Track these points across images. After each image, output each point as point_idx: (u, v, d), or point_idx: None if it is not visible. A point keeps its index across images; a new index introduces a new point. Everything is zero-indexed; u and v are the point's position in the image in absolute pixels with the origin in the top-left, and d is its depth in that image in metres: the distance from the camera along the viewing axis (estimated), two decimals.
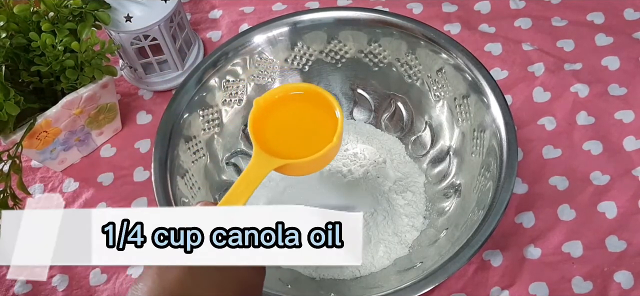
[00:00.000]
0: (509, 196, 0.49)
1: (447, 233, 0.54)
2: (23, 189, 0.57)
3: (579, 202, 0.58)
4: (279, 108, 0.46)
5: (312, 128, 0.46)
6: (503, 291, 0.54)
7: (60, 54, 0.59)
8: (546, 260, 0.55)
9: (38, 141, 0.61)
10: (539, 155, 0.62)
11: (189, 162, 0.58)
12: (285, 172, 0.44)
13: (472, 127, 0.57)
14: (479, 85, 0.56)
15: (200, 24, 0.78)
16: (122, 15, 0.64)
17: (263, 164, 0.42)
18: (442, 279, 0.47)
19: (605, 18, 0.71)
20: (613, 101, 0.64)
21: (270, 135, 0.44)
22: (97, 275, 0.60)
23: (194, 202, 0.56)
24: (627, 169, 0.60)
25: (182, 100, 0.59)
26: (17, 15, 0.59)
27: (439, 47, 0.58)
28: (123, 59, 0.71)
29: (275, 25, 0.62)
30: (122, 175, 0.66)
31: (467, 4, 0.75)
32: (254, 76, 0.63)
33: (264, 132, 0.44)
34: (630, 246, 0.55)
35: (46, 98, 0.62)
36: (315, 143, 0.44)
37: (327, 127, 0.45)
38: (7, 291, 0.60)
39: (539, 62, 0.68)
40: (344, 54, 0.63)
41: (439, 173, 0.60)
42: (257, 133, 0.44)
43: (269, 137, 0.44)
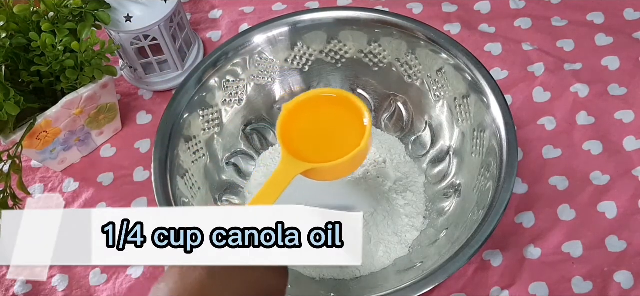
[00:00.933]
0: (509, 196, 0.49)
1: (447, 233, 0.54)
2: (23, 189, 0.57)
3: (579, 202, 0.58)
4: (307, 113, 0.46)
5: (340, 133, 0.46)
6: (503, 291, 0.54)
7: (60, 54, 0.59)
8: (546, 260, 0.55)
9: (38, 141, 0.61)
10: (539, 155, 0.62)
11: (189, 162, 0.58)
12: (313, 176, 0.44)
13: (472, 127, 0.57)
14: (479, 85, 0.56)
15: (200, 24, 0.78)
16: (122, 15, 0.64)
17: (290, 168, 0.42)
18: (442, 279, 0.47)
19: (605, 18, 0.71)
20: (613, 101, 0.64)
21: (298, 139, 0.45)
22: (97, 275, 0.60)
23: (194, 202, 0.56)
24: (627, 169, 0.60)
25: (182, 100, 0.59)
26: (17, 15, 0.59)
27: (439, 47, 0.58)
28: (123, 59, 0.71)
29: (275, 25, 0.62)
30: (122, 175, 0.66)
31: (467, 4, 0.75)
32: (254, 76, 0.63)
33: (292, 136, 0.45)
34: (630, 246, 0.55)
35: (46, 98, 0.62)
36: (343, 148, 0.44)
37: (355, 132, 0.45)
38: (7, 291, 0.60)
39: (539, 62, 0.68)
40: (344, 54, 0.63)
41: (439, 173, 0.60)
42: (285, 138, 0.44)
43: (296, 142, 0.44)
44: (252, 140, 0.64)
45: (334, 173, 0.45)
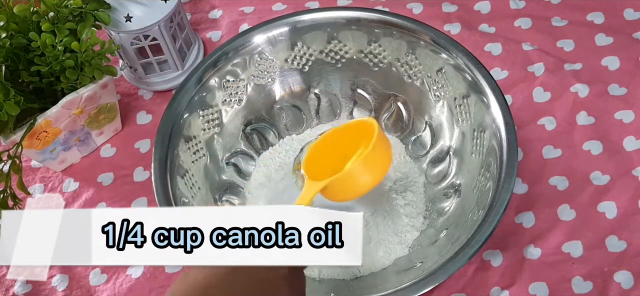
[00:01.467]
0: (509, 196, 0.49)
1: (447, 233, 0.54)
2: (23, 189, 0.57)
3: (579, 202, 0.58)
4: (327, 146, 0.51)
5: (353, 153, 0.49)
6: (503, 291, 0.54)
7: (60, 54, 0.59)
8: (546, 260, 0.55)
9: (38, 141, 0.61)
10: (539, 155, 0.62)
11: (189, 162, 0.58)
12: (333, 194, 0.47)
13: (472, 127, 0.57)
14: (479, 85, 0.56)
15: (200, 24, 0.78)
16: (122, 15, 0.64)
17: (310, 188, 0.46)
18: (442, 279, 0.47)
19: (605, 18, 0.71)
20: (613, 101, 0.64)
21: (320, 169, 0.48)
22: (97, 275, 0.60)
23: (194, 202, 0.56)
24: (627, 169, 0.60)
25: (182, 100, 0.59)
26: (17, 15, 0.59)
27: (439, 47, 0.58)
28: (123, 59, 0.71)
29: (275, 25, 0.62)
30: (122, 175, 0.66)
31: (467, 4, 0.75)
32: (254, 76, 0.63)
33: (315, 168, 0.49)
34: (630, 246, 0.55)
35: (46, 98, 0.62)
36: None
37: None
38: (7, 291, 0.60)
39: (539, 62, 0.68)
40: (344, 54, 0.63)
41: (439, 173, 0.60)
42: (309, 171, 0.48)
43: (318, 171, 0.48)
44: (252, 140, 0.64)
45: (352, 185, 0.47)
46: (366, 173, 0.47)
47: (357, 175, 0.46)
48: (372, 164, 0.46)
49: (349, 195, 0.49)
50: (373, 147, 0.45)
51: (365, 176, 0.47)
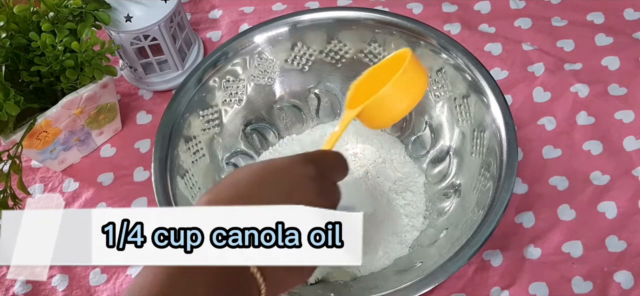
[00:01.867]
0: (509, 196, 0.49)
1: (447, 233, 0.54)
2: (23, 189, 0.57)
3: (579, 202, 0.58)
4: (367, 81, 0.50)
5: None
6: (503, 291, 0.54)
7: (60, 54, 0.59)
8: (546, 260, 0.55)
9: (38, 141, 0.61)
10: (539, 155, 0.62)
11: (189, 162, 0.58)
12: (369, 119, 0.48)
13: (472, 127, 0.57)
14: (479, 85, 0.56)
15: (200, 24, 0.78)
16: (122, 15, 0.64)
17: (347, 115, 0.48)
18: (442, 279, 0.47)
19: (605, 18, 0.71)
20: (613, 101, 0.64)
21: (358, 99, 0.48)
22: (97, 275, 0.60)
23: (194, 202, 0.56)
24: (627, 169, 0.60)
25: (182, 100, 0.59)
26: (17, 15, 0.59)
27: (439, 47, 0.58)
28: (123, 59, 0.71)
29: (275, 25, 0.62)
30: (122, 175, 0.66)
31: (467, 4, 0.75)
32: (254, 76, 0.63)
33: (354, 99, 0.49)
34: (630, 247, 0.55)
35: (46, 98, 0.62)
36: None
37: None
38: (7, 291, 0.60)
39: (539, 62, 0.68)
40: (344, 54, 0.63)
41: (439, 173, 0.60)
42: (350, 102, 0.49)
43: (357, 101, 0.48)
44: (252, 140, 0.64)
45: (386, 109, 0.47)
46: (399, 95, 0.46)
47: (390, 98, 0.46)
48: (404, 87, 0.46)
49: (385, 120, 0.48)
50: (404, 70, 0.45)
51: (398, 98, 0.47)
